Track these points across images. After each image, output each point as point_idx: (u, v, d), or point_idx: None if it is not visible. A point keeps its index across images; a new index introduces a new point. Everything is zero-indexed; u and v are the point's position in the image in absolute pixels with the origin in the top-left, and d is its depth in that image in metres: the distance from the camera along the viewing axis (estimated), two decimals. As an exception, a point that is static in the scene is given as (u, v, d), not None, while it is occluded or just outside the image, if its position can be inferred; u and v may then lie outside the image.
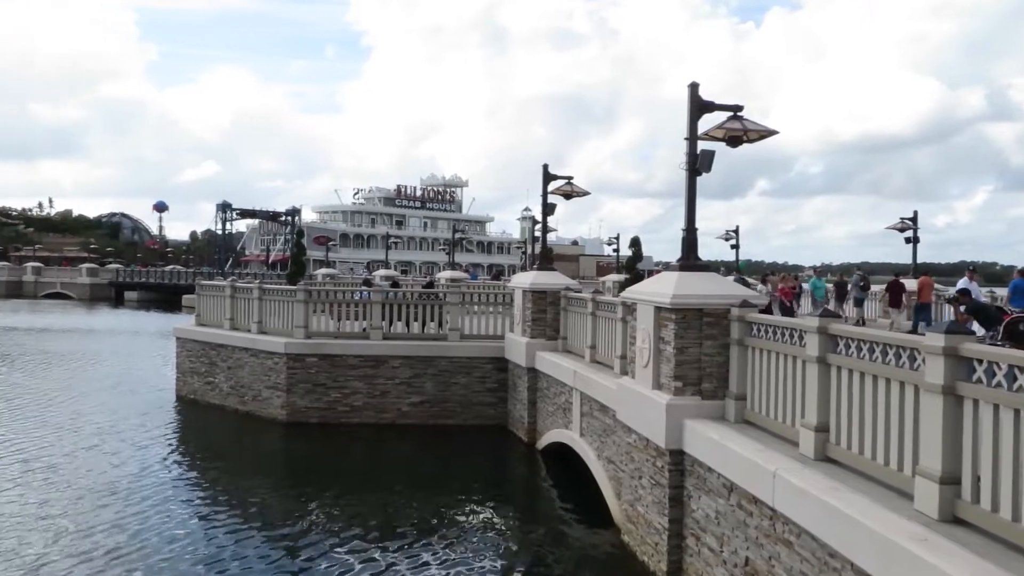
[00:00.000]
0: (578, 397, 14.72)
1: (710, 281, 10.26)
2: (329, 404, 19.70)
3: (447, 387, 19.73)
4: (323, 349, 19.90)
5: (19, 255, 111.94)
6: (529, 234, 75.69)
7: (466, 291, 23.45)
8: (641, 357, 10.77)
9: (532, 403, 17.98)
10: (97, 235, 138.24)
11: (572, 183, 18.85)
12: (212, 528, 12.36)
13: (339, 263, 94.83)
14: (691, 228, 10.67)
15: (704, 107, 10.40)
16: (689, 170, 10.48)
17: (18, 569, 10.34)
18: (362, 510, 13.51)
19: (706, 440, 9.08)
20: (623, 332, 13.12)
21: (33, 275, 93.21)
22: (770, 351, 8.85)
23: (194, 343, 23.18)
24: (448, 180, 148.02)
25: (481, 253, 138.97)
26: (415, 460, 17.61)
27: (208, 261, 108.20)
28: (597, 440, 13.63)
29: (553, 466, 16.20)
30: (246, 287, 22.74)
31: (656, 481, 10.19)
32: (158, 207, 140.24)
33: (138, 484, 14.47)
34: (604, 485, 13.02)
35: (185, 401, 22.92)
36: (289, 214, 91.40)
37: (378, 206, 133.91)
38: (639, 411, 10.74)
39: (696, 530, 9.40)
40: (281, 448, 18.81)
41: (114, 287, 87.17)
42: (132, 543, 11.41)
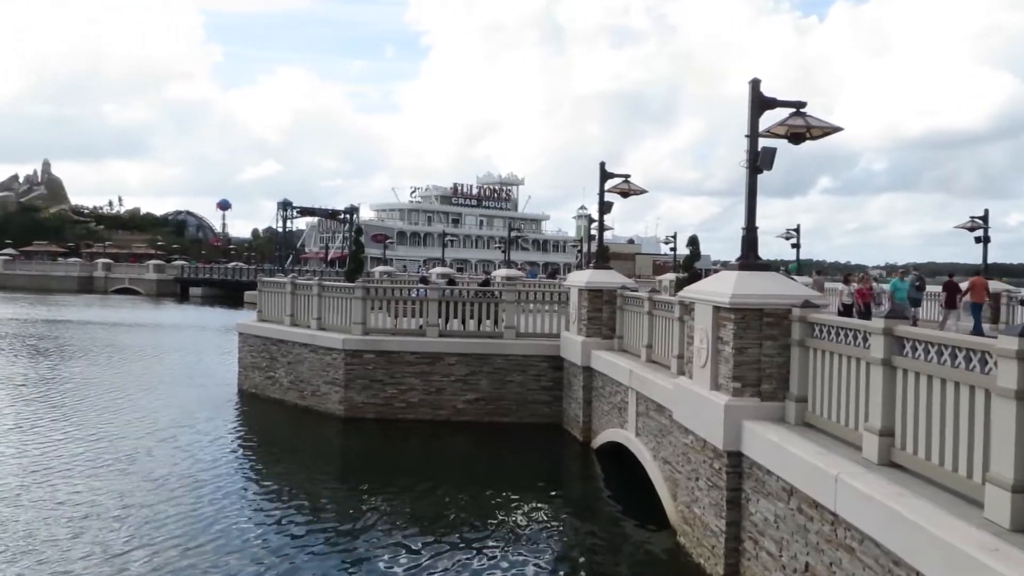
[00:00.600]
0: (634, 397, 14.62)
1: (770, 280, 10.08)
2: (386, 400, 19.93)
3: (502, 385, 19.79)
4: (380, 346, 20.14)
5: (90, 251, 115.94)
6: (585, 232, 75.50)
7: (522, 289, 23.49)
8: (699, 357, 10.65)
9: (587, 402, 17.93)
10: (164, 232, 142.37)
11: (629, 181, 18.72)
12: (271, 521, 12.61)
13: (396, 261, 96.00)
14: (751, 227, 10.50)
15: (766, 104, 10.21)
16: (750, 168, 10.31)
17: (103, 556, 10.72)
18: (417, 505, 13.66)
19: (765, 442, 8.93)
20: (680, 332, 12.98)
21: (103, 271, 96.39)
22: (832, 352, 8.66)
23: (256, 338, 23.69)
24: (504, 178, 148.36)
25: (536, 251, 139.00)
26: (470, 457, 17.72)
27: (269, 258, 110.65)
28: (653, 440, 13.52)
29: (608, 465, 16.13)
30: (306, 284, 23.15)
31: (713, 483, 10.06)
32: (221, 205, 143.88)
33: (203, 476, 14.86)
34: (660, 486, 12.91)
35: (247, 395, 23.45)
36: (347, 212, 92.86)
37: (435, 204, 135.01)
38: (696, 412, 10.62)
39: (754, 533, 9.26)
40: (339, 443, 19.11)
41: (179, 283, 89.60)
42: (200, 534, 11.72)
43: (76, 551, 10.81)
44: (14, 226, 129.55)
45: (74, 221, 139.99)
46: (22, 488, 13.58)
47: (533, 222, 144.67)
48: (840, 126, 10.44)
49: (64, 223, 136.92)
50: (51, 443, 16.87)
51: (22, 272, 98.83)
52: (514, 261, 75.24)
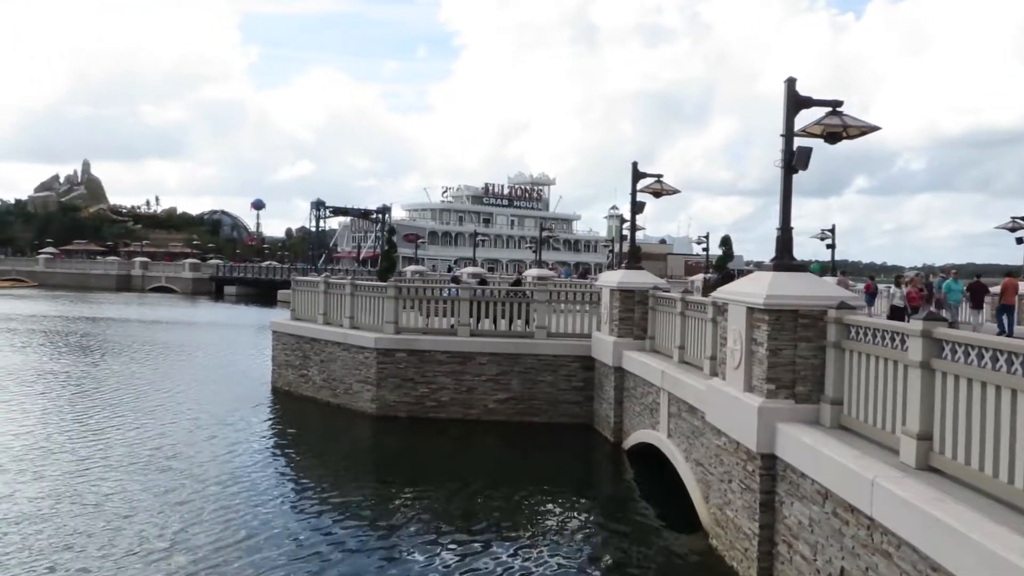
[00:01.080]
0: (666, 398, 14.54)
1: (805, 281, 9.96)
2: (417, 399, 20.03)
3: (533, 384, 19.79)
4: (412, 345, 20.25)
5: (128, 250, 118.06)
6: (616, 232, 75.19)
7: (553, 289, 23.47)
8: (732, 358, 10.56)
9: (619, 402, 17.86)
10: (199, 231, 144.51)
11: (662, 181, 18.62)
12: (304, 518, 12.74)
13: (427, 260, 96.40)
14: (786, 227, 10.40)
15: (801, 103, 10.10)
16: (785, 167, 10.21)
17: (140, 553, 10.92)
18: (448, 504, 13.71)
19: (800, 445, 8.84)
20: (713, 333, 12.88)
21: (141, 269, 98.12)
22: (869, 355, 8.54)
23: (289, 337, 23.94)
24: (535, 178, 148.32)
25: (568, 251, 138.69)
26: (501, 456, 17.75)
27: (302, 257, 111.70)
28: (685, 442, 13.44)
29: (639, 466, 16.06)
30: (339, 283, 23.34)
31: (746, 485, 9.97)
32: (256, 205, 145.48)
33: (237, 473, 15.04)
34: (692, 488, 12.82)
35: (280, 393, 23.70)
36: (380, 212, 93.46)
37: (466, 204, 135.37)
38: (729, 413, 10.53)
39: (788, 537, 9.16)
40: (371, 441, 19.25)
41: (214, 282, 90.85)
42: (234, 532, 11.86)
43: (114, 548, 11.01)
44: (55, 225, 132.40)
45: (112, 220, 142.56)
46: (66, 485, 13.84)
47: (564, 222, 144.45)
48: (877, 125, 10.30)
49: (103, 222, 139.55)
50: (94, 439, 17.21)
51: (62, 270, 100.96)
52: (545, 261, 75.15)
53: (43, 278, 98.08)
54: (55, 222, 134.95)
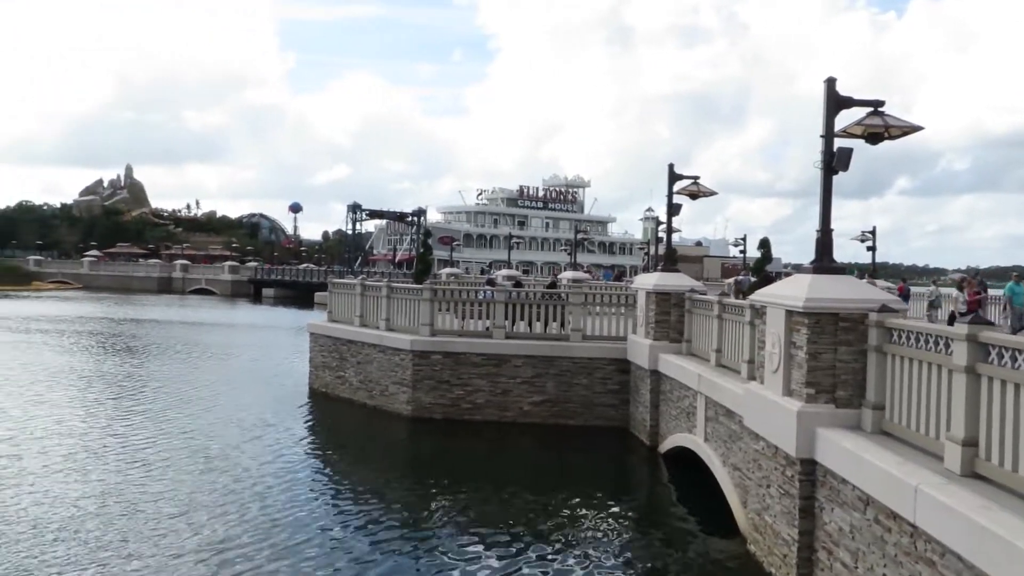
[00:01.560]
0: (703, 401, 14.42)
1: (846, 284, 9.82)
2: (453, 401, 20.10)
3: (569, 387, 19.75)
4: (447, 347, 20.33)
5: (169, 253, 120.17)
6: (652, 234, 74.73)
7: (588, 292, 23.41)
8: (771, 362, 10.45)
9: (654, 406, 17.76)
10: (238, 234, 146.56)
11: (698, 183, 18.50)
12: (340, 518, 12.86)
13: (462, 263, 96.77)
14: (826, 229, 10.26)
15: (842, 103, 9.97)
16: (825, 168, 10.08)
17: (175, 554, 11.11)
18: (484, 506, 13.75)
19: (840, 450, 8.71)
20: (751, 336, 12.74)
21: (181, 272, 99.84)
22: (912, 359, 8.39)
23: (326, 339, 24.18)
24: (570, 180, 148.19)
25: (603, 254, 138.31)
26: (536, 459, 17.74)
27: (339, 260, 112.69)
28: (722, 446, 13.31)
29: (675, 470, 15.95)
30: (375, 286, 23.52)
31: (785, 491, 9.85)
32: (293, 208, 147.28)
33: (275, 474, 15.23)
34: (729, 492, 12.70)
35: (317, 394, 23.94)
36: (415, 215, 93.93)
37: (501, 207, 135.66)
38: (768, 418, 10.41)
39: (828, 544, 9.03)
40: (407, 443, 19.36)
41: (253, 284, 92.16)
42: (271, 532, 12.01)
43: (159, 548, 11.20)
44: (99, 228, 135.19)
45: (154, 224, 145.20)
46: (113, 485, 14.11)
47: (599, 224, 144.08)
48: (920, 125, 10.14)
49: (145, 225, 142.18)
50: (139, 440, 17.52)
51: (106, 273, 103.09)
52: (580, 263, 75.00)
53: (87, 280, 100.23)
54: (99, 225, 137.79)
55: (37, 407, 20.92)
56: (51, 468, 14.83)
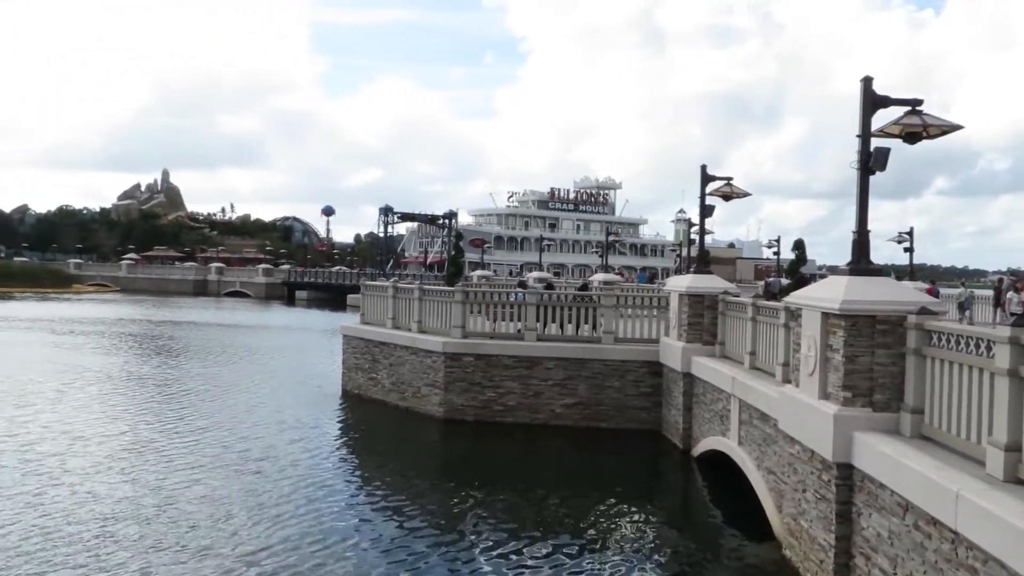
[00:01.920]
0: (736, 404, 14.29)
1: (883, 286, 9.67)
2: (484, 403, 20.13)
3: (600, 390, 19.68)
4: (479, 349, 20.37)
5: (204, 256, 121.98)
6: (684, 236, 74.26)
7: (620, 294, 23.32)
8: (806, 365, 10.32)
9: (687, 409, 17.63)
10: (272, 238, 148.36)
11: (731, 184, 18.32)
12: (373, 519, 12.94)
13: (493, 265, 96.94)
14: (862, 230, 10.11)
15: (879, 102, 9.82)
16: (861, 169, 9.94)
17: (210, 554, 11.26)
18: (513, 509, 13.74)
19: (878, 455, 8.57)
20: (786, 338, 12.61)
21: (216, 275, 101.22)
22: (952, 362, 8.23)
23: (359, 340, 24.35)
24: (601, 182, 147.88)
25: (634, 256, 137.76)
26: (568, 461, 17.70)
27: (371, 262, 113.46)
28: (756, 449, 13.18)
29: (709, 474, 15.82)
30: (407, 288, 23.64)
31: (821, 495, 9.72)
32: (326, 211, 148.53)
33: (309, 475, 15.36)
34: (764, 496, 12.56)
35: (350, 395, 24.12)
36: (446, 217, 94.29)
37: (531, 209, 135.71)
38: (803, 421, 10.29)
39: (866, 549, 8.89)
40: (439, 444, 19.43)
41: (286, 287, 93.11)
42: (305, 533, 12.12)
43: (194, 547, 11.36)
44: (136, 232, 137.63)
45: (190, 227, 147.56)
46: (155, 486, 14.32)
47: (631, 226, 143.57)
48: (959, 124, 9.97)
49: (181, 229, 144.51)
50: (179, 440, 17.80)
51: (143, 276, 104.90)
52: (611, 265, 74.76)
53: (125, 283, 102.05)
54: (137, 229, 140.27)
55: (80, 408, 21.32)
56: (94, 468, 15.08)
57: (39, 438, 17.36)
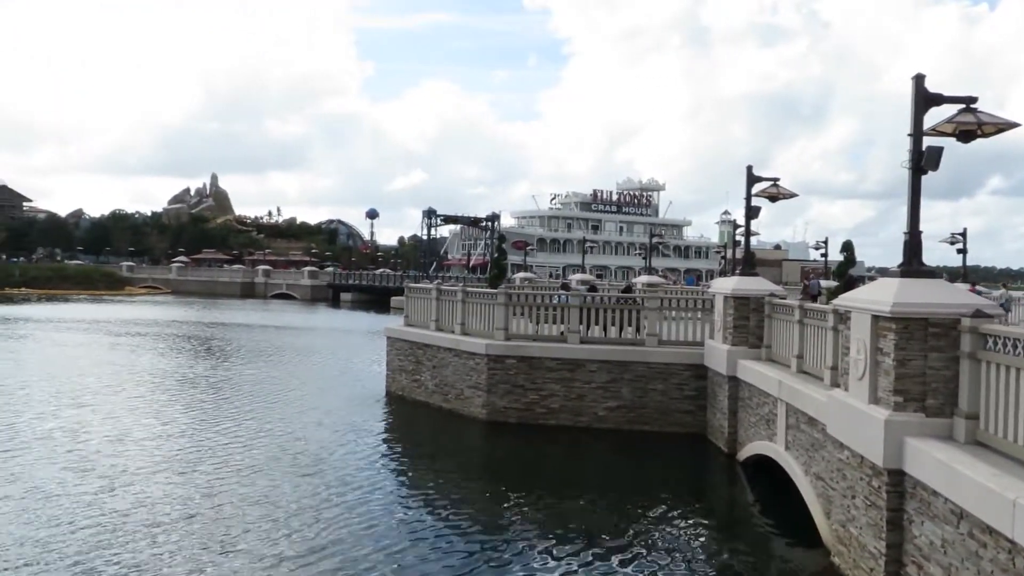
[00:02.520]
0: (783, 408, 14.07)
1: (936, 288, 9.44)
2: (527, 405, 20.12)
3: (644, 393, 19.55)
4: (522, 351, 20.37)
5: (251, 258, 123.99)
6: (729, 238, 73.45)
7: (664, 296, 23.14)
8: (855, 369, 10.12)
9: (732, 412, 17.41)
10: (317, 240, 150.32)
11: (778, 185, 18.07)
12: (417, 520, 12.99)
13: (536, 267, 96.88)
14: (914, 231, 9.88)
15: (931, 100, 9.60)
16: (913, 168, 9.72)
17: (250, 556, 11.43)
18: (557, 511, 13.70)
19: (931, 461, 8.36)
20: (834, 342, 12.38)
21: (263, 277, 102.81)
22: (1009, 366, 8.00)
23: (402, 342, 24.52)
24: (644, 184, 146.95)
25: (678, 258, 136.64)
26: (611, 465, 17.60)
27: (414, 265, 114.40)
28: (804, 454, 12.96)
29: (755, 478, 15.60)
30: (450, 290, 23.74)
31: (871, 502, 9.52)
32: (370, 214, 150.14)
33: (354, 475, 15.51)
34: (811, 502, 12.35)
35: (394, 397, 24.31)
36: (489, 219, 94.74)
37: (574, 211, 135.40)
38: (853, 426, 10.09)
39: (918, 558, 8.68)
40: (481, 446, 19.46)
41: (331, 289, 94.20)
42: (348, 533, 12.26)
43: (239, 547, 11.54)
44: (186, 235, 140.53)
45: (238, 230, 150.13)
46: (207, 487, 14.58)
47: (674, 228, 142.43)
48: (1016, 121, 9.70)
49: (229, 232, 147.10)
50: (231, 441, 18.10)
51: (193, 278, 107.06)
52: (655, 267, 74.22)
53: (176, 285, 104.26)
54: (186, 232, 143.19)
55: (137, 409, 21.80)
56: (150, 469, 15.36)
57: (98, 438, 17.75)
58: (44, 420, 19.66)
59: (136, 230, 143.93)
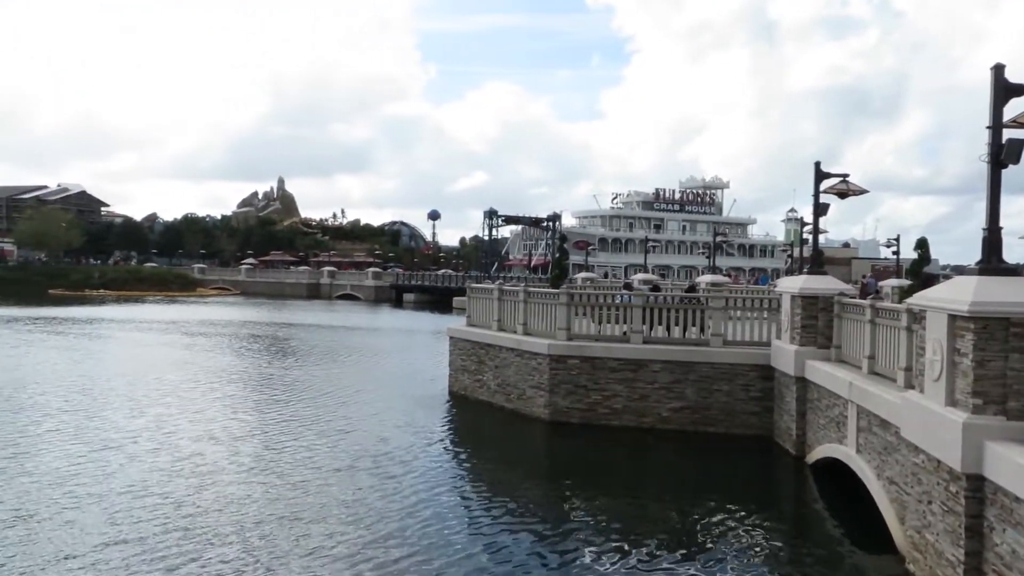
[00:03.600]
0: (854, 410, 13.70)
1: (1017, 286, 9.06)
2: (590, 405, 20.03)
3: (709, 394, 19.27)
4: (584, 351, 20.28)
5: (317, 260, 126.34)
6: (796, 236, 71.90)
7: (729, 296, 22.78)
8: (931, 370, 9.79)
9: (801, 414, 17.03)
10: (381, 242, 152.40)
11: (847, 181, 17.63)
12: (479, 519, 13.07)
13: (597, 267, 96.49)
14: (994, 227, 9.52)
15: (1011, 91, 9.24)
16: (992, 162, 9.37)
17: (313, 554, 11.66)
18: (620, 512, 13.62)
19: (1014, 466, 8.04)
20: (908, 342, 12.01)
21: (328, 278, 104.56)
22: (1098, 368, 7.64)
23: (465, 342, 24.67)
24: (708, 182, 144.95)
25: (742, 256, 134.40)
26: (675, 466, 17.41)
27: (476, 265, 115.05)
28: (876, 458, 12.60)
29: (824, 482, 15.22)
30: (512, 290, 23.78)
31: (949, 508, 9.20)
32: (432, 215, 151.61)
33: (417, 474, 15.66)
34: (884, 507, 12.00)
35: (456, 396, 24.48)
36: (550, 220, 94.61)
37: (636, 210, 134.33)
38: (928, 429, 9.77)
39: (999, 567, 8.35)
40: (544, 446, 19.45)
41: (394, 289, 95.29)
42: (411, 529, 12.41)
43: (303, 544, 11.77)
44: (254, 238, 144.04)
45: (304, 232, 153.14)
46: (278, 486, 14.94)
47: (738, 226, 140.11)
48: (1104, 111, 9.24)
49: (295, 234, 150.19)
50: (298, 439, 18.50)
51: (261, 279, 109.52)
52: (719, 267, 73.15)
53: (244, 286, 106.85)
54: (254, 235, 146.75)
55: (217, 408, 22.32)
56: (234, 468, 15.69)
57: (184, 438, 18.01)
58: (133, 418, 20.17)
59: (207, 233, 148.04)
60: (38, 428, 18.74)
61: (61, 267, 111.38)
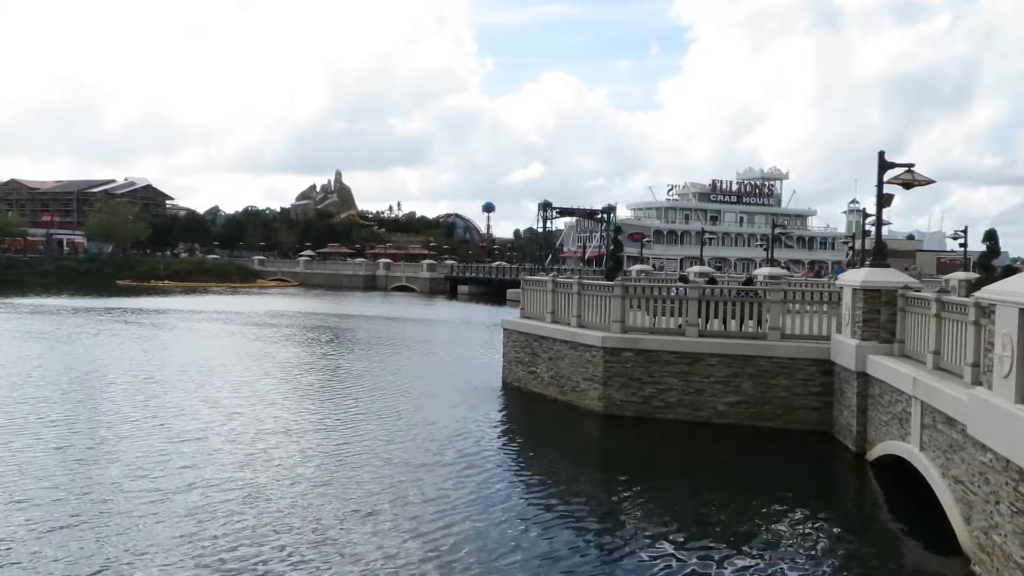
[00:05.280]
0: (918, 407, 13.32)
1: (1094, 280, 8.71)
2: (644, 399, 19.89)
3: (766, 388, 18.96)
4: (639, 344, 20.13)
5: (373, 252, 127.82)
6: (857, 228, 70.20)
7: (787, 288, 22.36)
8: (1000, 366, 9.46)
9: (862, 410, 16.64)
10: (435, 234, 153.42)
11: (913, 171, 17.14)
12: (531, 511, 13.04)
13: (652, 259, 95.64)
14: (1069, 218, 9.13)
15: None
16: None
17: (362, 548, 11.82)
18: (675, 507, 13.51)
19: (1087, 467, 7.73)
20: (976, 337, 11.61)
21: (384, 270, 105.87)
22: None
23: (518, 335, 24.71)
24: (766, 173, 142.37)
25: (801, 249, 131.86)
26: (731, 461, 17.18)
27: (530, 257, 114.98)
28: (941, 456, 12.24)
29: (885, 480, 14.86)
30: (566, 283, 23.71)
31: (1018, 509, 8.89)
32: (486, 208, 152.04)
33: (471, 465, 15.71)
34: (949, 507, 11.66)
35: (510, 388, 24.55)
36: (604, 212, 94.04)
37: (692, 202, 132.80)
38: (997, 427, 9.44)
39: (1072, 571, 8.05)
40: (598, 439, 19.38)
41: (449, 281, 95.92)
42: (464, 521, 12.48)
43: (355, 534, 11.95)
44: (313, 230, 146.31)
45: (360, 225, 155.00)
46: (329, 475, 15.19)
47: (798, 218, 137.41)
48: None
49: (352, 227, 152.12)
50: (355, 428, 18.79)
51: (319, 271, 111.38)
52: (777, 259, 71.83)
53: (303, 278, 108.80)
54: (313, 227, 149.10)
55: (283, 398, 22.73)
56: (300, 457, 15.98)
57: (257, 431, 18.14)
58: (209, 409, 20.46)
59: (267, 226, 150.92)
60: (117, 419, 19.00)
61: (128, 258, 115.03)
